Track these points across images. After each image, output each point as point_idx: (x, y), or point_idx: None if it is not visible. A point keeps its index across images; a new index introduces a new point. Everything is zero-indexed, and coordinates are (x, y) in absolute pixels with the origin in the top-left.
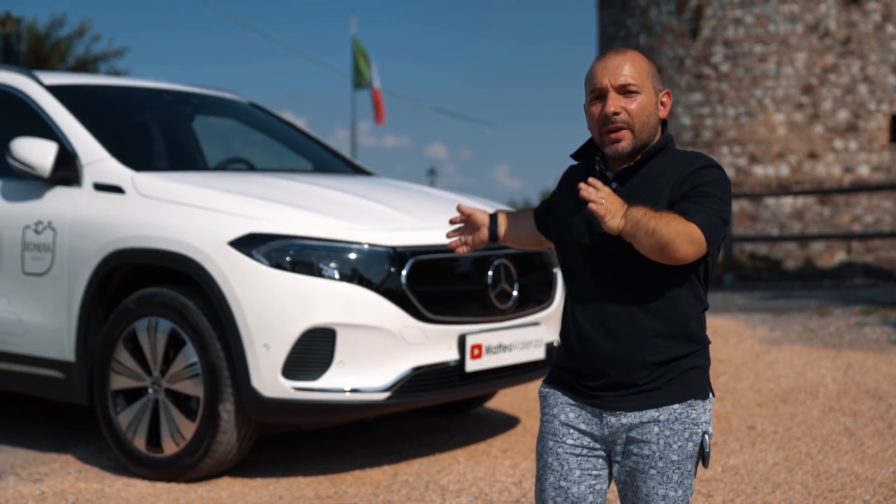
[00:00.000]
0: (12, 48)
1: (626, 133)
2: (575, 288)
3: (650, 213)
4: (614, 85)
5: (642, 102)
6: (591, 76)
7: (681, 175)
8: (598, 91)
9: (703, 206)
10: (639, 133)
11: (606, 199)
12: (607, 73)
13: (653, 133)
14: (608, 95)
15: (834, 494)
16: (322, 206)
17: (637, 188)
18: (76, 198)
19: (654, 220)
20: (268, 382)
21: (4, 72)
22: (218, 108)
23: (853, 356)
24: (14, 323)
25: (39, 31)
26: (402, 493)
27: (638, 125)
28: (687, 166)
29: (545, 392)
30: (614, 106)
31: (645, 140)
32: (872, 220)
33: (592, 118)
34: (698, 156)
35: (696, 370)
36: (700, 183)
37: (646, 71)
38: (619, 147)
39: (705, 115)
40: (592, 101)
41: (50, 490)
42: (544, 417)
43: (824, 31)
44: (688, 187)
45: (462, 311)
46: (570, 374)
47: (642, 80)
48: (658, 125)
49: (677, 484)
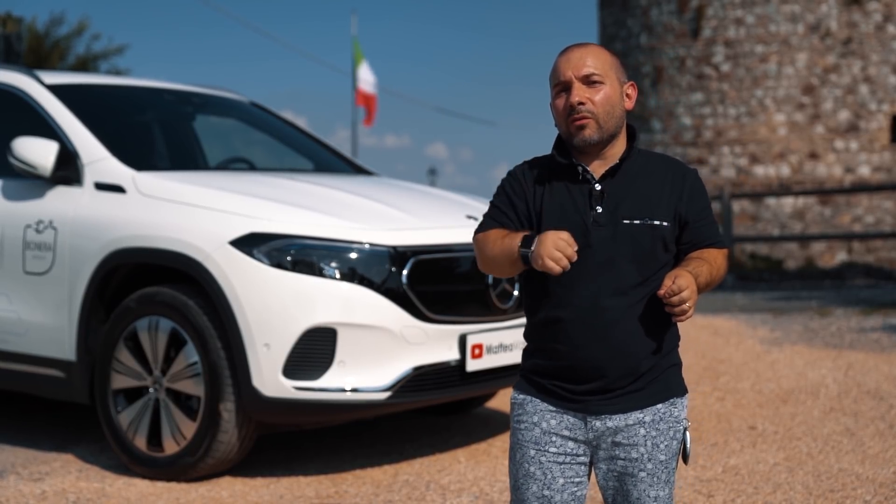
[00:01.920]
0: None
1: (590, 122)
2: (558, 294)
3: (700, 269)
4: (578, 76)
5: (607, 93)
6: (555, 70)
7: (680, 186)
8: (562, 84)
9: (713, 223)
10: (604, 123)
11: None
12: (570, 65)
13: (619, 124)
14: (573, 86)
15: (835, 495)
16: (323, 205)
17: (621, 188)
18: (77, 197)
19: (707, 272)
20: (268, 382)
21: (5, 71)
22: (219, 108)
23: (854, 356)
24: (15, 322)
25: (39, 31)
26: (402, 492)
27: (603, 115)
28: (681, 176)
29: (521, 399)
30: (579, 96)
31: (611, 131)
32: (873, 220)
33: (558, 111)
34: (677, 161)
35: (674, 368)
36: (703, 206)
37: (608, 62)
38: (586, 134)
39: (706, 116)
40: (557, 94)
41: (51, 489)
42: (522, 426)
43: (825, 31)
44: (696, 206)
45: (463, 311)
46: (548, 380)
47: (605, 71)
48: (623, 116)
49: (665, 482)
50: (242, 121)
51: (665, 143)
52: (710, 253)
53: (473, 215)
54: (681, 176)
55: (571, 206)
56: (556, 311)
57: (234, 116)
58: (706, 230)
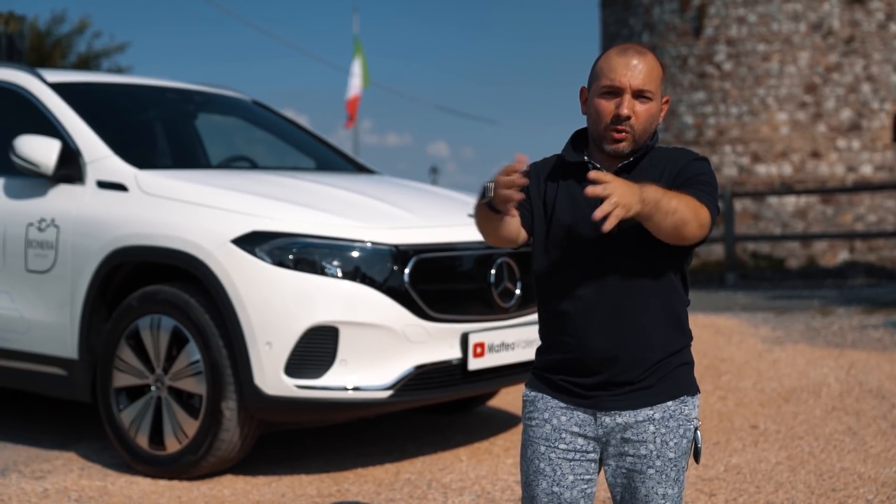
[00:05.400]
0: (15, 46)
1: (629, 136)
2: (568, 287)
3: (669, 192)
4: (633, 87)
5: (651, 109)
6: (609, 70)
7: (674, 167)
8: (614, 88)
9: (704, 194)
10: (639, 137)
11: (618, 191)
12: (628, 72)
13: (649, 138)
14: (624, 97)
15: (837, 494)
16: (325, 204)
17: None
18: (79, 195)
19: (676, 200)
20: (270, 380)
21: (8, 69)
22: (221, 106)
23: (856, 355)
24: (17, 320)
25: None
26: (404, 491)
27: (640, 130)
28: (679, 159)
29: (532, 396)
30: (629, 109)
31: (642, 143)
32: (875, 219)
33: (599, 112)
34: (686, 150)
35: (685, 366)
36: (697, 173)
37: (660, 78)
38: (621, 147)
39: (708, 114)
40: (603, 94)
41: (53, 487)
42: (533, 422)
43: (827, 30)
44: (685, 176)
45: (465, 310)
46: (559, 375)
47: (656, 87)
48: (655, 130)
49: (674, 481)
50: (244, 119)
51: (667, 143)
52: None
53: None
54: (678, 159)
55: (581, 200)
56: (565, 305)
57: (235, 115)
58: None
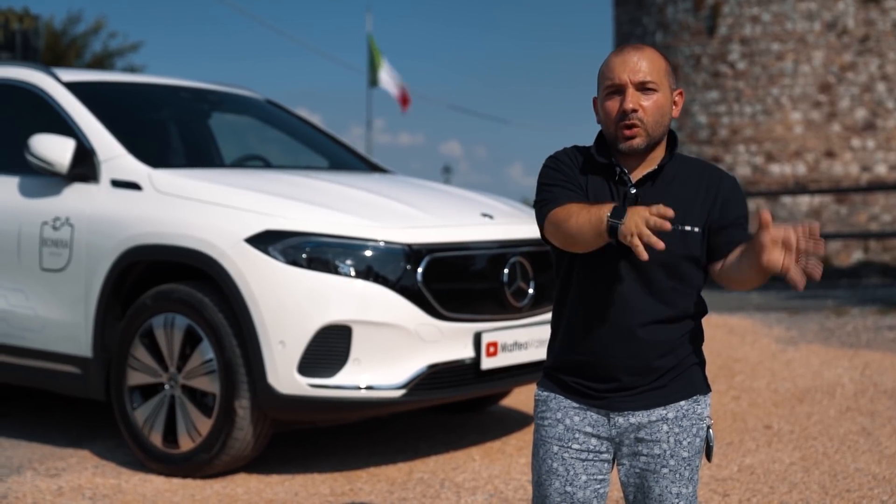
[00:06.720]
0: (30, 45)
1: (640, 130)
2: (589, 291)
3: None
4: (633, 81)
5: (658, 101)
6: (609, 71)
7: (714, 192)
8: (616, 87)
9: (747, 234)
10: (652, 131)
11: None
12: (626, 68)
13: (665, 131)
14: (626, 92)
15: (851, 495)
16: (338, 203)
17: (656, 194)
18: (94, 194)
19: None
20: (283, 379)
21: (23, 68)
22: (234, 106)
23: (870, 356)
24: (32, 318)
25: (56, 29)
26: (417, 490)
27: (652, 123)
28: (717, 180)
29: (545, 396)
30: (633, 103)
31: (658, 138)
32: (890, 219)
33: (608, 113)
34: (715, 167)
35: (698, 366)
36: (739, 216)
37: (663, 69)
38: (634, 143)
39: (722, 114)
40: (608, 95)
41: (67, 485)
42: (546, 422)
43: (842, 29)
44: (729, 218)
45: (478, 309)
46: (572, 377)
47: (660, 79)
48: (669, 123)
49: (688, 480)
50: (258, 118)
51: (681, 142)
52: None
53: (488, 213)
54: (717, 180)
55: (604, 199)
56: (584, 308)
57: (249, 114)
58: (740, 233)
